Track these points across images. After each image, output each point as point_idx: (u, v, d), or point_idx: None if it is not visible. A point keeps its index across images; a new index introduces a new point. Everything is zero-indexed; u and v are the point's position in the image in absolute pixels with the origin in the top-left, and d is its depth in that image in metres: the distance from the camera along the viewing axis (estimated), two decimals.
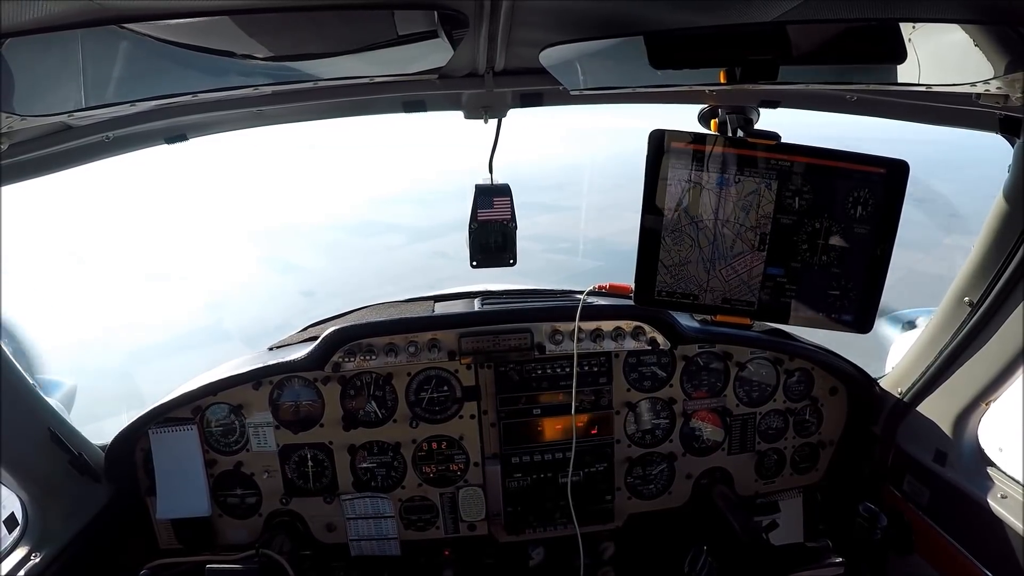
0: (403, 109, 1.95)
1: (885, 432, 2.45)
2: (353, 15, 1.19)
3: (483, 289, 2.81)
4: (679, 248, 1.59)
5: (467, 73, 1.66)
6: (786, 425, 2.66)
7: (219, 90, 1.49)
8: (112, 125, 1.68)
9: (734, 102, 1.71)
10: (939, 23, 1.28)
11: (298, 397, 2.45)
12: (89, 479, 2.24)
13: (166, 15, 1.08)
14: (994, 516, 1.93)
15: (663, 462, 2.64)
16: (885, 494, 2.42)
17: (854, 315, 1.59)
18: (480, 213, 1.99)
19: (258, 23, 1.19)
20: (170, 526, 2.48)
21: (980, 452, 2.13)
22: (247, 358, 2.51)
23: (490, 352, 2.41)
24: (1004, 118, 1.65)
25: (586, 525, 2.51)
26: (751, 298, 1.61)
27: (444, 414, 2.50)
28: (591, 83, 1.68)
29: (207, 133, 1.99)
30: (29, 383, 2.04)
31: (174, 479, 2.41)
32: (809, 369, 2.62)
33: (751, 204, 1.55)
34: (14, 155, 1.54)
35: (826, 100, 1.90)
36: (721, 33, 1.31)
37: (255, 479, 2.49)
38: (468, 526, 2.58)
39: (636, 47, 1.24)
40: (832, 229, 1.54)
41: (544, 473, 2.52)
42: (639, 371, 2.55)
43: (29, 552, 2.03)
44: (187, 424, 2.40)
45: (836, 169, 1.51)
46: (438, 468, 2.54)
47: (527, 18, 1.22)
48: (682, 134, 1.52)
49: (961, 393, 2.08)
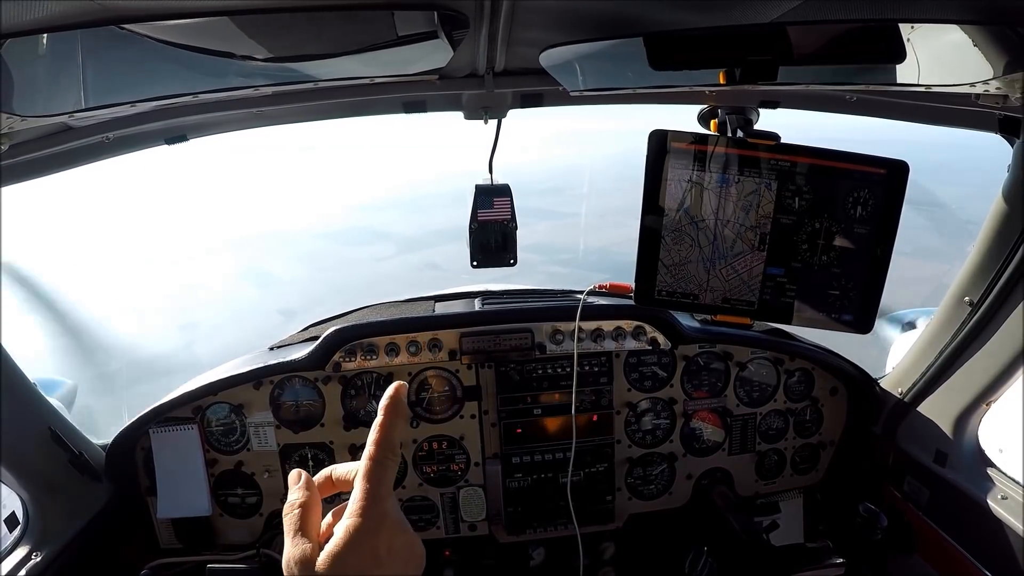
0: (403, 110, 1.95)
1: (885, 432, 2.45)
2: (353, 16, 1.19)
3: (483, 289, 2.82)
4: (679, 248, 1.59)
5: (467, 74, 1.66)
6: (786, 425, 2.66)
7: (219, 91, 1.49)
8: (112, 126, 1.68)
9: (734, 102, 1.71)
10: (938, 23, 1.28)
11: (299, 397, 2.45)
12: (90, 478, 2.24)
13: (166, 15, 1.08)
14: (994, 517, 1.93)
15: (663, 462, 2.64)
16: (885, 494, 2.42)
17: (854, 315, 1.59)
18: (480, 213, 2.00)
19: (258, 24, 1.19)
20: (171, 525, 2.48)
21: (980, 452, 2.13)
22: (248, 357, 2.51)
23: (491, 352, 2.41)
24: (1004, 118, 1.65)
25: (586, 525, 2.51)
26: (751, 298, 1.61)
27: (445, 414, 2.50)
28: (591, 84, 1.68)
29: (207, 134, 1.99)
30: (29, 383, 2.05)
31: (175, 479, 2.41)
32: (809, 369, 2.62)
33: (751, 204, 1.55)
34: (14, 156, 1.54)
35: (826, 100, 1.90)
36: (720, 34, 1.31)
37: (256, 479, 2.49)
38: (468, 526, 2.58)
39: (636, 48, 1.24)
40: (832, 229, 1.54)
41: (545, 473, 2.52)
42: (639, 371, 2.55)
43: (30, 551, 2.03)
44: (188, 424, 2.41)
45: (836, 169, 1.51)
46: (439, 468, 2.54)
47: (527, 19, 1.22)
48: (683, 134, 1.52)
49: (961, 393, 2.08)
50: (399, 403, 0.76)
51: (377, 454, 0.73)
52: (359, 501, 0.70)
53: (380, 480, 0.72)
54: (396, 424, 0.75)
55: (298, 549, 0.71)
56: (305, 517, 0.74)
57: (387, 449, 0.73)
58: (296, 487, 0.78)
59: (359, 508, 0.70)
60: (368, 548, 0.68)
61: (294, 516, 0.74)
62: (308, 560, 0.69)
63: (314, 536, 0.73)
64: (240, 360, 2.51)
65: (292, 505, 0.75)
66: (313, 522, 0.75)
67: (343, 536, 0.69)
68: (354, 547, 0.68)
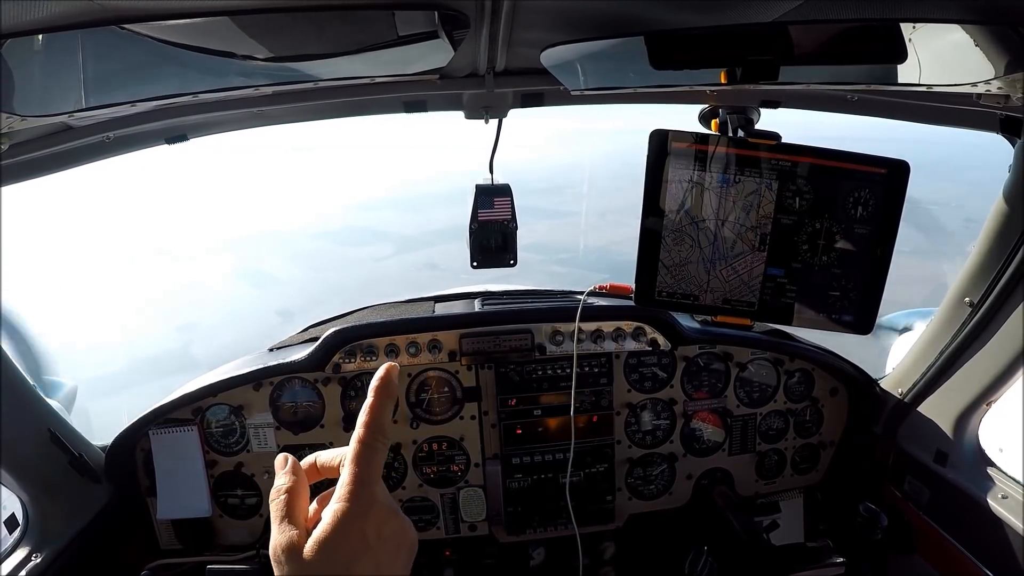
0: (404, 109, 1.95)
1: (886, 432, 2.45)
2: (354, 15, 1.19)
3: (483, 289, 2.81)
4: (679, 248, 1.59)
5: (468, 73, 1.66)
6: (787, 426, 2.66)
7: (220, 90, 1.49)
8: (113, 125, 1.68)
9: (735, 102, 1.71)
10: (939, 23, 1.27)
11: (298, 398, 2.44)
12: (89, 480, 2.23)
13: (166, 15, 1.08)
14: (995, 516, 1.93)
15: (664, 463, 2.64)
16: (886, 494, 2.42)
17: (854, 316, 1.59)
18: (480, 213, 1.99)
19: (258, 24, 1.19)
20: (171, 526, 2.48)
21: (981, 452, 2.13)
22: (247, 359, 2.51)
23: (490, 353, 2.41)
24: (1005, 118, 1.65)
25: (586, 525, 2.51)
26: (751, 298, 1.61)
27: (444, 415, 2.50)
28: (592, 83, 1.68)
29: (208, 133, 1.99)
30: (29, 384, 2.04)
31: (175, 480, 2.41)
32: (809, 370, 2.62)
33: (752, 204, 1.54)
34: (14, 155, 1.54)
35: (826, 100, 1.90)
36: (721, 33, 1.31)
37: (256, 480, 2.49)
38: (469, 526, 2.58)
39: (636, 47, 1.24)
40: (832, 229, 1.54)
41: (544, 474, 2.52)
42: (639, 372, 2.55)
43: (30, 553, 2.03)
44: (187, 425, 2.40)
45: (836, 169, 1.51)
46: (439, 469, 2.54)
47: (528, 18, 1.22)
48: (685, 134, 1.51)
49: (962, 393, 2.08)
50: (389, 384, 0.73)
51: (366, 436, 0.70)
52: (347, 485, 0.68)
53: (369, 463, 0.69)
54: (386, 406, 0.72)
55: (285, 536, 0.69)
56: (292, 503, 0.72)
57: (377, 432, 0.71)
58: (283, 472, 0.75)
59: (347, 492, 0.67)
60: (357, 533, 0.66)
61: (280, 502, 0.72)
62: (295, 547, 0.67)
63: (301, 522, 0.71)
64: (240, 361, 2.51)
65: (279, 491, 0.73)
66: (301, 507, 0.73)
67: (331, 521, 0.66)
68: (342, 532, 0.66)
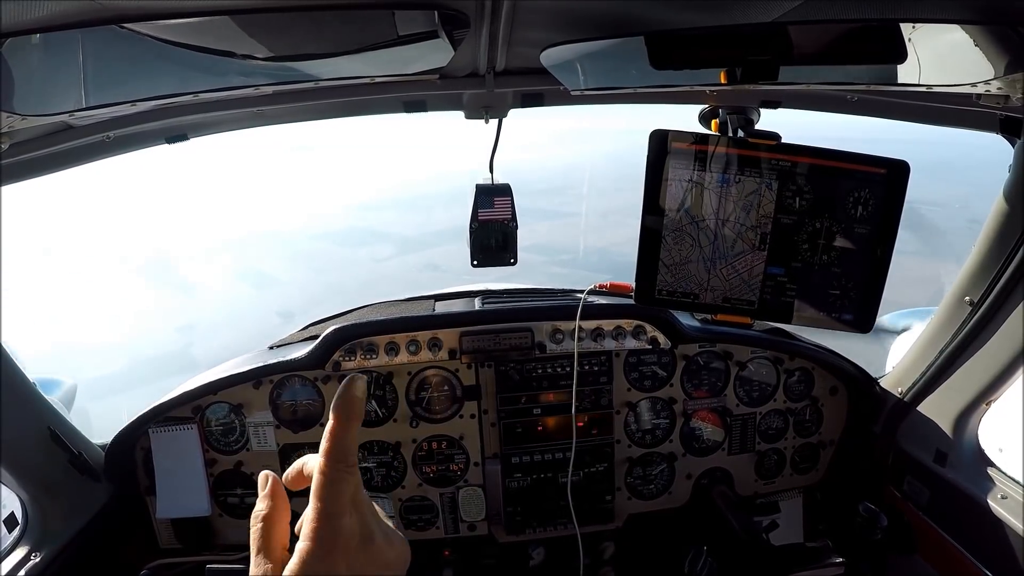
0: (404, 109, 1.95)
1: (885, 432, 2.45)
2: (353, 15, 1.19)
3: (484, 288, 2.81)
4: (680, 247, 1.59)
5: (468, 73, 1.66)
6: (786, 425, 2.66)
7: (220, 90, 1.49)
8: (113, 125, 1.68)
9: (734, 102, 1.71)
10: (939, 23, 1.27)
11: (298, 396, 2.45)
12: (89, 478, 2.24)
13: (166, 15, 1.08)
14: (994, 516, 1.93)
15: (663, 462, 2.64)
16: (885, 494, 2.42)
17: (854, 314, 1.59)
18: (481, 213, 1.99)
19: (258, 23, 1.19)
20: (170, 525, 2.48)
21: (980, 452, 2.13)
22: (247, 357, 2.51)
23: (491, 351, 2.41)
24: (1004, 118, 1.65)
25: (586, 525, 2.51)
26: (752, 297, 1.61)
27: (444, 413, 2.50)
28: (592, 83, 1.68)
29: (208, 133, 1.99)
30: (29, 382, 2.04)
31: (174, 478, 2.41)
32: (809, 369, 2.62)
33: (752, 204, 1.54)
34: (15, 155, 1.54)
35: (826, 100, 1.90)
36: (721, 33, 1.30)
37: (255, 479, 2.48)
38: (468, 526, 2.58)
39: (636, 47, 1.24)
40: (833, 229, 1.54)
41: (544, 473, 2.52)
42: (639, 370, 2.55)
43: (29, 552, 2.03)
44: (187, 423, 2.41)
45: (836, 169, 1.51)
46: (438, 468, 2.54)
47: (528, 18, 1.22)
48: (685, 134, 1.51)
49: (962, 393, 2.08)
50: (350, 402, 0.68)
51: (327, 468, 0.65)
52: (311, 522, 0.64)
53: (335, 496, 0.64)
54: (349, 428, 0.66)
55: (260, 570, 0.65)
56: (267, 533, 0.68)
57: (338, 460, 0.65)
58: (262, 495, 0.71)
59: (311, 531, 0.63)
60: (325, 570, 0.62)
61: (256, 532, 0.68)
62: None
63: (277, 554, 0.67)
64: (239, 359, 2.51)
65: (256, 518, 0.69)
66: (278, 535, 0.69)
67: (297, 561, 0.63)
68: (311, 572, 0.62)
